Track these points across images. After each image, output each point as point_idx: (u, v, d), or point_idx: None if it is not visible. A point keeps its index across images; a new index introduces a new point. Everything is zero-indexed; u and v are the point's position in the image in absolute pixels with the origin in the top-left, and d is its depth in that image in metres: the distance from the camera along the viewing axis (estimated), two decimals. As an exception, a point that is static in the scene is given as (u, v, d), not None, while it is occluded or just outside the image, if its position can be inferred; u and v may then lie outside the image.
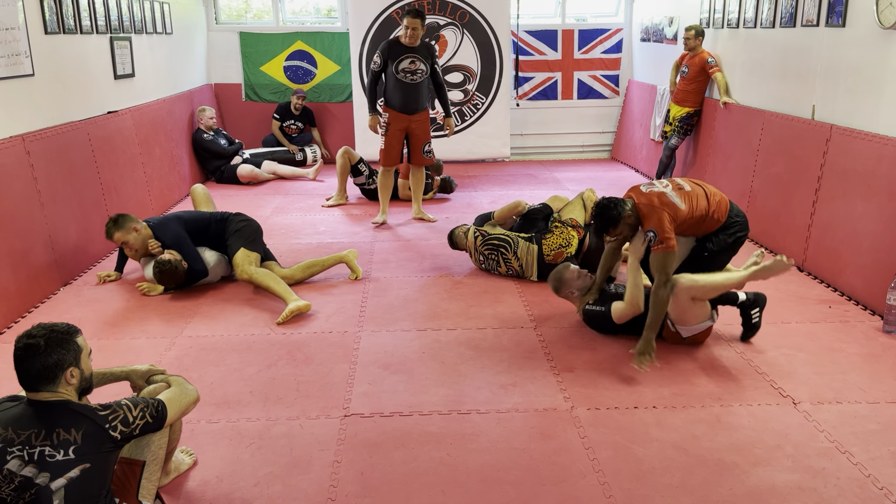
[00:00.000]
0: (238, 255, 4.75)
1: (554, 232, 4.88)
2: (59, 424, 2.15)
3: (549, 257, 4.83)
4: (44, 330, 2.21)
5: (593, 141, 9.69)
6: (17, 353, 2.19)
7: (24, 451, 2.11)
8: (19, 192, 4.51)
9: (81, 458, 2.14)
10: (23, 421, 2.15)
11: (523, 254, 4.88)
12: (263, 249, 4.97)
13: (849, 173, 4.68)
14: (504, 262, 4.94)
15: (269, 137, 8.85)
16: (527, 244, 4.89)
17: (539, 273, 4.89)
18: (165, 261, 4.64)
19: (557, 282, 4.18)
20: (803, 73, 5.37)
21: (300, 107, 8.82)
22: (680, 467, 2.88)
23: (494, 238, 4.97)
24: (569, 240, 4.85)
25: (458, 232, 5.26)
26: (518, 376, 3.63)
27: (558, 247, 4.83)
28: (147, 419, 2.30)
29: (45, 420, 2.15)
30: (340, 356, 3.87)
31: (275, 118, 8.84)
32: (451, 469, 2.88)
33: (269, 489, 2.77)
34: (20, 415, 2.17)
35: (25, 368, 2.18)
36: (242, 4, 9.73)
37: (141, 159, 6.44)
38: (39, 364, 2.17)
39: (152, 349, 3.97)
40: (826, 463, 2.90)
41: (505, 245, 4.92)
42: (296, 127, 8.88)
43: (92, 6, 5.77)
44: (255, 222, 5.03)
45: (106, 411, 2.22)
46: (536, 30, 9.21)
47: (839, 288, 4.68)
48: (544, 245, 4.85)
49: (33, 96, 4.88)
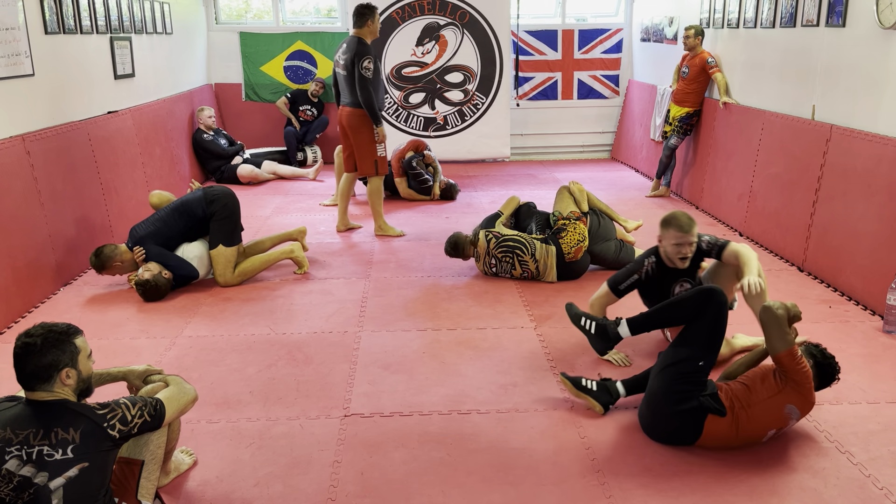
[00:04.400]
0: (217, 255, 4.81)
1: (567, 230, 4.88)
2: (58, 424, 2.15)
3: (570, 255, 4.85)
4: (42, 329, 2.22)
5: (593, 141, 9.69)
6: (15, 352, 2.20)
7: (23, 450, 2.11)
8: (19, 191, 4.50)
9: (80, 457, 2.14)
10: (21, 421, 2.15)
11: (542, 255, 4.86)
12: (239, 232, 4.97)
13: (849, 173, 4.68)
14: (520, 265, 4.90)
15: (288, 135, 8.79)
16: (544, 245, 4.87)
17: (559, 273, 4.89)
18: (144, 280, 4.57)
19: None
20: (803, 73, 5.37)
21: (318, 94, 8.86)
22: (680, 467, 2.88)
23: (510, 240, 4.92)
24: (583, 233, 4.89)
25: (463, 239, 5.04)
26: (518, 376, 3.63)
27: (576, 243, 4.85)
28: (145, 418, 2.30)
29: (42, 419, 2.15)
30: (340, 356, 3.87)
31: (286, 97, 8.85)
32: (451, 469, 2.88)
33: (269, 489, 2.77)
34: (18, 414, 2.17)
35: (21, 367, 2.18)
36: (242, 4, 9.73)
37: (141, 159, 6.44)
38: (34, 363, 2.17)
39: (152, 349, 3.97)
40: (826, 463, 2.89)
41: (521, 247, 4.89)
42: (311, 113, 8.89)
43: (92, 6, 5.77)
44: (229, 197, 4.90)
45: (104, 410, 2.22)
46: (536, 30, 9.21)
47: (839, 288, 4.68)
48: (563, 244, 4.85)
49: (33, 96, 4.88)
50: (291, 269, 5.22)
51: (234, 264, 4.87)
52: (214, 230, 4.85)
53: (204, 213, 4.85)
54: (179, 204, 4.92)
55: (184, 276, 4.74)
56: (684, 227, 3.55)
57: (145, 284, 4.57)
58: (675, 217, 3.58)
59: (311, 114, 8.88)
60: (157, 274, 4.62)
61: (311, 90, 8.82)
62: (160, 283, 4.61)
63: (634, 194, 7.50)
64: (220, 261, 4.83)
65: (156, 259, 4.70)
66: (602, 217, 5.08)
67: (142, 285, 4.58)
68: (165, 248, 4.77)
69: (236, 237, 4.93)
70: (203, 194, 4.90)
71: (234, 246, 4.88)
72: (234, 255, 4.87)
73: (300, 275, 5.11)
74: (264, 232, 5.18)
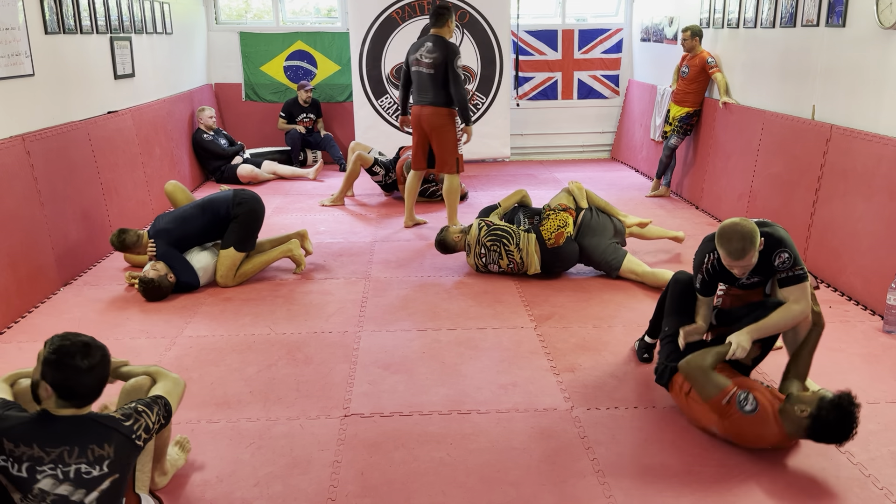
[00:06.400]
0: (224, 256, 4.82)
1: (549, 217, 4.92)
2: (92, 440, 2.11)
3: (551, 241, 4.85)
4: (96, 346, 2.17)
5: (593, 141, 9.69)
6: (70, 372, 2.10)
7: (58, 469, 2.07)
8: (19, 192, 4.50)
9: (113, 470, 2.14)
10: (51, 438, 2.09)
11: (524, 244, 4.88)
12: (254, 241, 5.03)
13: (849, 173, 4.68)
14: (506, 255, 4.92)
15: (293, 135, 8.76)
16: (526, 234, 4.91)
17: (542, 262, 4.90)
18: (149, 279, 4.58)
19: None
20: (803, 73, 5.37)
21: (309, 99, 8.83)
22: (680, 467, 2.88)
23: (499, 229, 4.96)
24: (565, 220, 4.90)
25: (451, 231, 5.17)
26: (518, 376, 3.63)
27: (556, 228, 4.86)
28: (161, 420, 2.31)
29: (74, 436, 2.10)
30: (340, 356, 3.87)
31: (281, 117, 8.83)
32: (451, 469, 2.88)
33: (269, 489, 2.77)
34: (46, 431, 2.10)
35: (74, 387, 2.12)
36: (242, 4, 9.73)
37: (141, 159, 6.44)
38: (91, 384, 2.14)
39: (152, 349, 3.97)
40: (826, 463, 2.89)
41: (508, 236, 4.92)
42: (309, 119, 8.87)
43: (92, 6, 5.77)
44: (257, 203, 4.98)
45: (129, 421, 2.20)
46: (536, 30, 9.21)
47: (839, 288, 4.68)
48: (543, 230, 4.87)
49: (33, 96, 4.88)
50: (292, 269, 5.22)
51: (237, 268, 4.89)
52: (231, 231, 4.86)
53: (227, 213, 4.86)
54: (207, 201, 4.96)
55: (185, 282, 4.74)
56: (732, 254, 3.02)
57: (149, 283, 4.58)
58: (727, 239, 3.03)
59: (310, 119, 8.88)
60: (163, 276, 4.63)
61: (303, 98, 8.78)
62: (163, 285, 4.62)
63: (634, 194, 7.50)
64: (225, 262, 4.83)
65: (163, 258, 4.71)
66: (599, 214, 5.07)
67: (145, 283, 4.58)
68: (179, 245, 4.79)
69: (249, 245, 4.95)
70: (233, 195, 4.94)
71: (244, 252, 4.91)
72: (240, 260, 4.89)
73: (299, 274, 5.11)
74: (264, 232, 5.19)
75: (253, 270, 4.98)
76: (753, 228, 3.03)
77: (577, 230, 4.97)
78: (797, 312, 3.08)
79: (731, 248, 3.01)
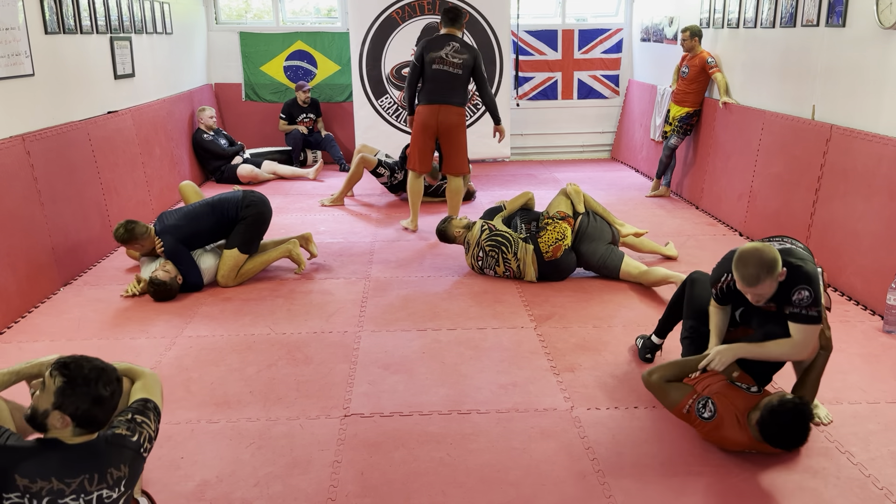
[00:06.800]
0: (227, 256, 4.82)
1: (547, 228, 4.88)
2: (109, 464, 2.10)
3: (549, 254, 4.83)
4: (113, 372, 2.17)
5: (593, 141, 9.69)
6: (91, 400, 2.08)
7: (80, 498, 2.04)
8: (19, 192, 4.50)
9: (128, 487, 2.15)
10: (68, 468, 2.04)
11: (522, 254, 4.87)
12: (259, 243, 5.03)
13: (849, 173, 4.68)
14: (503, 262, 4.92)
15: (294, 136, 8.75)
16: (524, 244, 4.89)
17: (539, 273, 4.89)
18: (161, 281, 4.59)
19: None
20: (803, 73, 5.37)
21: (308, 100, 8.82)
22: (681, 467, 2.88)
23: (500, 234, 4.94)
24: (563, 232, 4.86)
25: (454, 224, 5.16)
26: (518, 376, 3.63)
27: (555, 241, 4.83)
28: (157, 425, 2.30)
29: (94, 463, 2.08)
30: (340, 356, 3.87)
31: (282, 118, 8.83)
32: (451, 469, 2.88)
33: (269, 489, 2.77)
34: (62, 462, 2.05)
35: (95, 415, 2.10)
36: (242, 4, 9.73)
37: (141, 159, 6.44)
38: (108, 412, 2.14)
39: (152, 349, 3.97)
40: (826, 463, 2.90)
41: (507, 243, 4.90)
42: (310, 119, 8.87)
43: (92, 6, 5.77)
44: (265, 206, 5.00)
45: (135, 435, 2.18)
46: (536, 30, 9.21)
47: (839, 288, 4.68)
48: (540, 243, 4.85)
49: (33, 96, 4.88)
50: (292, 269, 5.22)
51: (238, 270, 4.88)
52: (237, 232, 4.86)
53: (236, 214, 4.87)
54: (217, 200, 4.95)
55: (189, 283, 4.75)
56: (745, 279, 2.87)
57: (161, 285, 4.59)
58: (743, 264, 2.88)
59: (311, 119, 8.88)
60: (174, 277, 4.64)
61: (302, 99, 8.78)
62: (173, 287, 4.63)
63: (634, 194, 7.50)
64: (228, 262, 4.83)
65: (172, 256, 4.71)
66: (597, 219, 5.05)
67: (157, 285, 4.59)
68: (188, 242, 4.78)
69: (253, 247, 4.95)
70: (242, 196, 4.94)
71: (247, 254, 4.91)
72: (243, 261, 4.89)
73: (299, 274, 5.11)
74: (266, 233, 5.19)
75: (253, 270, 4.98)
76: (774, 257, 2.84)
77: (575, 237, 4.94)
78: (792, 352, 2.99)
79: (745, 273, 2.86)
